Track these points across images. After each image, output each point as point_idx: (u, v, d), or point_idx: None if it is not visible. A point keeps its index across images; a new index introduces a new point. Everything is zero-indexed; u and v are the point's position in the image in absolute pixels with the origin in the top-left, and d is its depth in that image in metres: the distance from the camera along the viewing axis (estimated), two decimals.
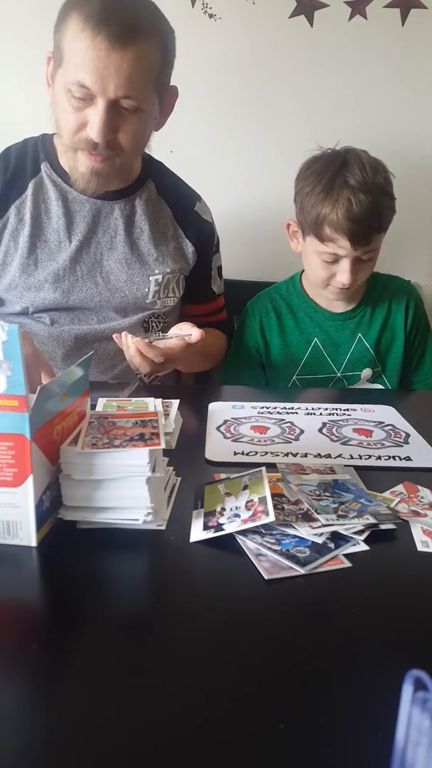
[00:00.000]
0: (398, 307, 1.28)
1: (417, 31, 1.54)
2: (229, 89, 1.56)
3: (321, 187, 1.11)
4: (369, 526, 0.59)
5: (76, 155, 1.01)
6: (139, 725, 0.37)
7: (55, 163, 1.08)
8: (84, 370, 0.66)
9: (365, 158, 1.13)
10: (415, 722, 0.29)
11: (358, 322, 1.26)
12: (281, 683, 0.41)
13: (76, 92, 0.92)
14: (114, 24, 0.88)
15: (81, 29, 0.89)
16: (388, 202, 1.13)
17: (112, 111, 0.94)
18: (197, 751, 0.36)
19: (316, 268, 1.18)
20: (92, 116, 0.94)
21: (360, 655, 0.44)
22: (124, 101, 0.93)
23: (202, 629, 0.47)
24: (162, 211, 1.15)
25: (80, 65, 0.91)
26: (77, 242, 1.08)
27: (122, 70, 0.90)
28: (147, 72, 0.94)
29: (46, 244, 1.08)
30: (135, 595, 0.51)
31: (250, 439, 0.82)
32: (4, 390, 0.53)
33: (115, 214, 1.10)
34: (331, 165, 1.13)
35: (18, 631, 0.47)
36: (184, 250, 1.17)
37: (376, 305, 1.27)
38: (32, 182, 1.08)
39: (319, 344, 1.25)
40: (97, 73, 0.90)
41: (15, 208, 1.07)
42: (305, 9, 1.52)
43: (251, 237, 1.59)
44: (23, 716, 0.39)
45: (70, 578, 0.53)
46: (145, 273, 1.12)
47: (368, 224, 1.10)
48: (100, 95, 0.92)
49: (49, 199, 1.08)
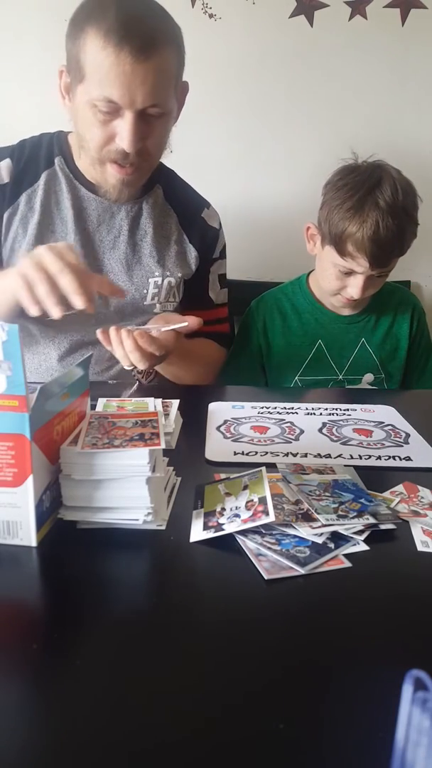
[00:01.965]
0: (403, 316, 1.29)
1: (417, 31, 1.54)
2: (229, 89, 1.56)
3: (351, 204, 1.11)
4: (369, 526, 0.59)
5: (104, 167, 1.02)
6: (139, 725, 0.37)
7: (69, 160, 1.09)
8: (84, 370, 0.66)
9: (398, 179, 1.13)
10: (415, 722, 0.28)
11: (362, 327, 1.27)
12: (281, 683, 0.41)
13: (102, 107, 0.93)
14: (135, 38, 0.89)
15: (102, 46, 0.90)
16: (412, 227, 1.14)
17: (140, 120, 0.95)
18: (197, 751, 0.36)
19: (330, 277, 1.19)
20: (121, 128, 0.95)
21: (360, 655, 0.44)
22: (150, 109, 0.95)
23: (202, 629, 0.47)
24: (167, 216, 1.15)
25: (105, 81, 0.91)
26: (81, 238, 1.09)
27: (147, 81, 0.92)
28: (168, 78, 0.96)
29: (53, 235, 1.09)
30: (135, 595, 0.51)
31: (250, 439, 0.82)
32: (4, 390, 0.53)
33: (121, 215, 1.11)
34: (364, 183, 1.12)
35: (18, 631, 0.47)
36: (187, 255, 1.17)
37: (381, 313, 1.28)
38: (45, 173, 1.09)
39: (323, 345, 1.25)
40: (124, 88, 0.91)
41: (26, 196, 1.08)
42: (305, 9, 1.52)
43: (251, 237, 1.59)
44: (23, 716, 0.39)
45: (70, 578, 0.53)
46: (145, 275, 1.13)
47: (390, 248, 1.11)
48: (128, 107, 0.93)
49: (61, 191, 1.09)
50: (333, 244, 1.14)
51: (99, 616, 0.48)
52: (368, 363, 1.26)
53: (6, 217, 1.07)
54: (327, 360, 1.26)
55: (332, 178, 1.18)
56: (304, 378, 1.26)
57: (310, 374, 1.25)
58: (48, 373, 1.12)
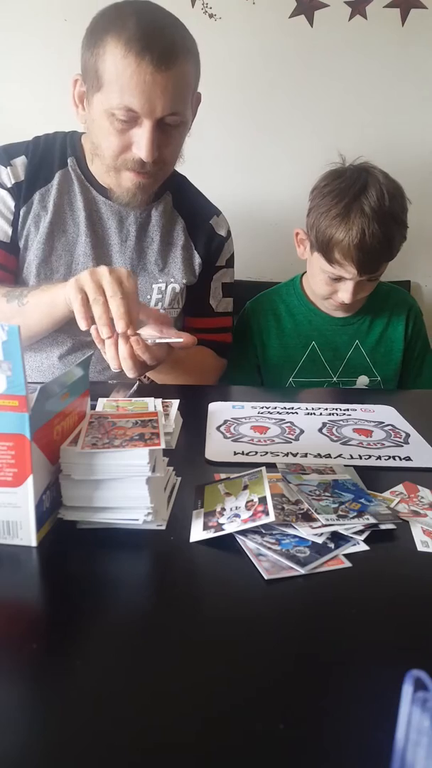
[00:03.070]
0: (398, 318, 1.28)
1: (417, 31, 1.54)
2: (229, 89, 1.57)
3: (336, 211, 1.10)
4: (369, 526, 0.59)
5: (119, 174, 1.02)
6: (138, 725, 0.37)
7: (82, 162, 1.10)
8: (84, 370, 0.66)
9: (384, 183, 1.11)
10: (415, 722, 0.29)
11: (356, 330, 1.26)
12: (281, 683, 0.41)
13: (121, 116, 0.94)
14: (156, 48, 0.90)
15: (123, 55, 0.90)
16: (401, 230, 1.13)
17: (158, 130, 0.96)
18: (197, 751, 0.36)
19: (320, 283, 1.19)
20: (139, 137, 0.96)
21: (360, 655, 0.44)
22: (168, 118, 0.96)
23: (202, 629, 0.47)
24: (175, 223, 1.16)
25: (126, 90, 0.92)
26: (92, 240, 1.10)
27: (167, 91, 0.92)
28: (187, 88, 0.97)
29: (63, 235, 1.09)
30: (135, 595, 0.51)
31: (250, 439, 0.82)
32: (4, 390, 0.53)
33: (130, 220, 1.12)
34: (350, 189, 1.11)
35: (18, 631, 0.46)
36: (193, 261, 1.17)
37: (376, 315, 1.27)
38: (59, 173, 1.09)
39: (316, 347, 1.25)
40: (145, 97, 0.92)
41: (39, 195, 1.08)
42: (305, 9, 1.52)
43: (251, 237, 1.59)
44: (23, 716, 0.39)
45: (70, 578, 0.53)
46: (148, 280, 1.13)
47: (378, 255, 1.11)
48: (147, 116, 0.94)
49: (74, 192, 1.09)
50: (320, 252, 1.14)
51: (99, 616, 0.48)
52: (362, 365, 1.26)
53: (22, 214, 1.08)
54: (321, 362, 1.25)
55: (318, 183, 1.17)
56: (298, 379, 1.25)
57: (304, 376, 1.25)
58: (49, 372, 1.12)
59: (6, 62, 1.54)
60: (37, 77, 1.52)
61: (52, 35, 1.50)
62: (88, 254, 1.10)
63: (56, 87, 1.02)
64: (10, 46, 1.53)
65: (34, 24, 1.51)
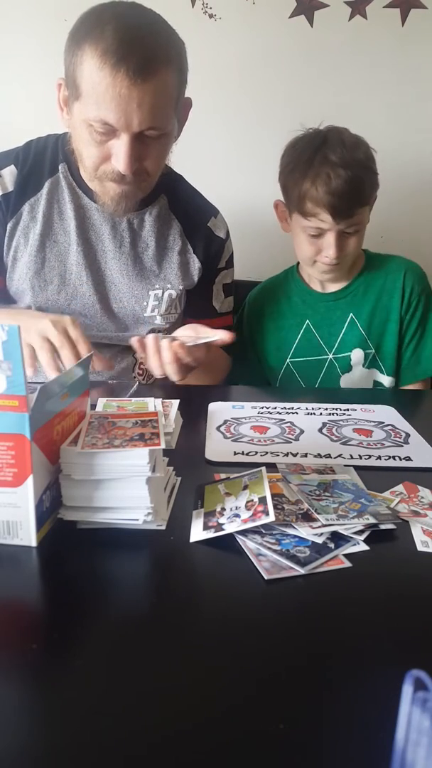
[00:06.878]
0: (394, 285, 1.23)
1: (417, 31, 1.54)
2: (229, 89, 1.57)
3: (302, 164, 1.12)
4: (369, 526, 0.59)
5: (102, 183, 1.01)
6: (138, 725, 0.37)
7: (73, 167, 1.07)
8: (84, 370, 0.66)
9: (346, 135, 1.14)
10: (415, 722, 0.29)
11: (350, 302, 1.24)
12: (281, 683, 0.41)
13: (98, 128, 0.92)
14: (133, 59, 0.87)
15: (99, 67, 0.87)
16: (370, 176, 1.14)
17: (137, 142, 0.93)
18: (197, 751, 0.36)
19: (303, 245, 1.18)
20: (117, 149, 0.94)
21: (360, 655, 0.44)
22: (148, 131, 0.93)
23: (201, 629, 0.47)
24: (170, 227, 1.14)
25: (101, 103, 0.89)
26: (84, 248, 1.08)
27: (144, 104, 0.89)
28: (168, 99, 0.94)
29: (55, 245, 1.08)
30: (135, 595, 0.51)
31: (250, 439, 0.82)
32: (4, 390, 0.53)
33: (123, 225, 1.10)
34: (311, 143, 1.14)
35: (18, 631, 0.47)
36: (191, 266, 1.15)
37: (369, 284, 1.24)
38: (48, 182, 1.07)
39: (311, 326, 1.24)
40: (120, 110, 0.89)
41: (29, 206, 1.07)
42: (305, 9, 1.52)
43: (251, 237, 1.59)
44: (23, 716, 0.39)
45: (70, 578, 0.53)
46: (145, 287, 1.12)
47: (348, 198, 1.10)
48: (124, 130, 0.91)
49: (63, 201, 1.08)
50: (295, 208, 1.14)
51: (99, 617, 0.48)
52: (357, 338, 1.23)
53: (9, 228, 1.07)
54: (316, 340, 1.24)
55: (285, 149, 1.19)
56: (295, 360, 1.24)
57: (300, 355, 1.24)
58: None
59: (6, 62, 1.54)
60: (37, 77, 1.52)
61: (52, 35, 1.49)
62: (81, 263, 1.08)
63: (54, 89, 1.01)
64: (10, 46, 1.53)
65: (33, 24, 1.51)
